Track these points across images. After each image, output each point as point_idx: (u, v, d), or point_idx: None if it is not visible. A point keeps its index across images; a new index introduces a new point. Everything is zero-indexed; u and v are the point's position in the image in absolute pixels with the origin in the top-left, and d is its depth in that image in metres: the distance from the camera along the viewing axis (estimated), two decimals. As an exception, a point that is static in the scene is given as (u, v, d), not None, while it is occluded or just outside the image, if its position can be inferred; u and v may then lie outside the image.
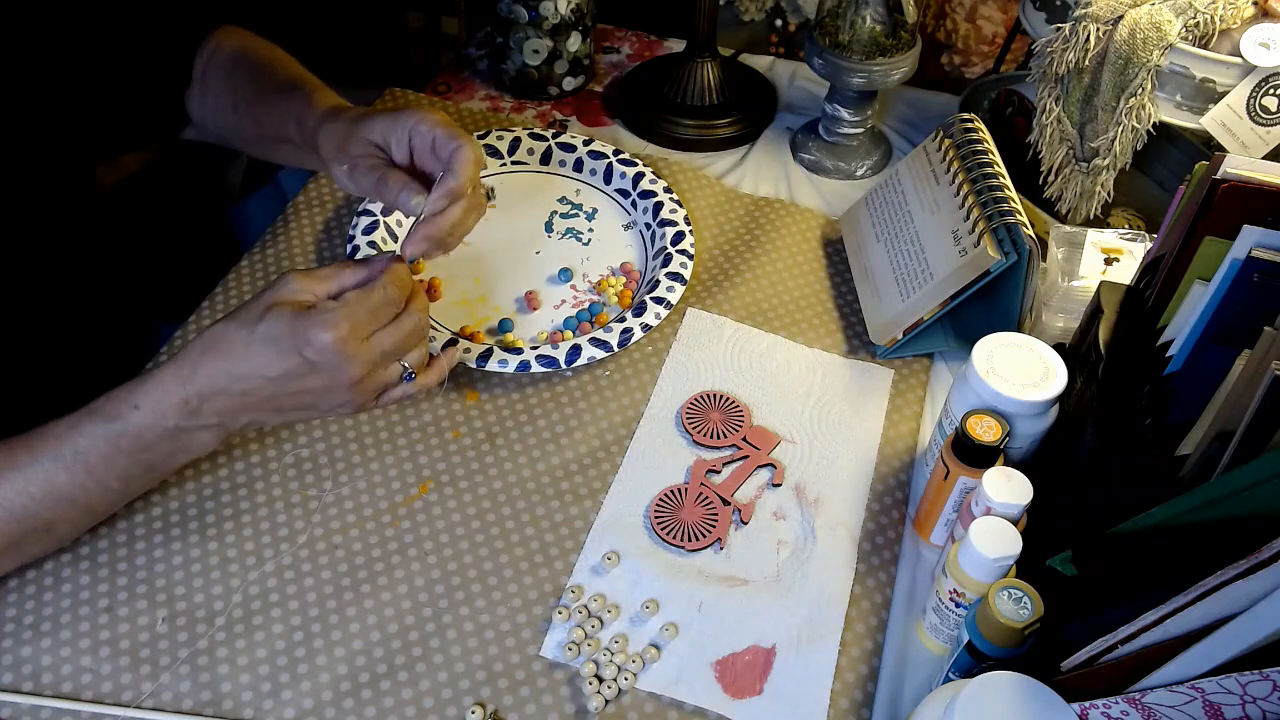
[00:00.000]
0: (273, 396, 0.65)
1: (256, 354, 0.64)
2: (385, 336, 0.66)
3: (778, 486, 0.79)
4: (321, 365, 0.64)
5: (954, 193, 0.87)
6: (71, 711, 0.65)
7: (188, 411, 0.64)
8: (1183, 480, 0.61)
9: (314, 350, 0.63)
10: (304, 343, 0.63)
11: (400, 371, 0.69)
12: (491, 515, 0.76)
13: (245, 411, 0.66)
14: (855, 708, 0.67)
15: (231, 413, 0.65)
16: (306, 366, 0.64)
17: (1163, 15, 0.83)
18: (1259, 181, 0.64)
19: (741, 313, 0.90)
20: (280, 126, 0.81)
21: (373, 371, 0.66)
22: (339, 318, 0.64)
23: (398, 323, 0.67)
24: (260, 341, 0.63)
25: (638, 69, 1.16)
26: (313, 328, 0.63)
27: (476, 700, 0.66)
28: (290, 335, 0.63)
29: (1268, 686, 0.46)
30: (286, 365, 0.64)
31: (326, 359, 0.63)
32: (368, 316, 0.65)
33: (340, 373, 0.64)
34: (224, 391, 0.64)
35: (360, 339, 0.65)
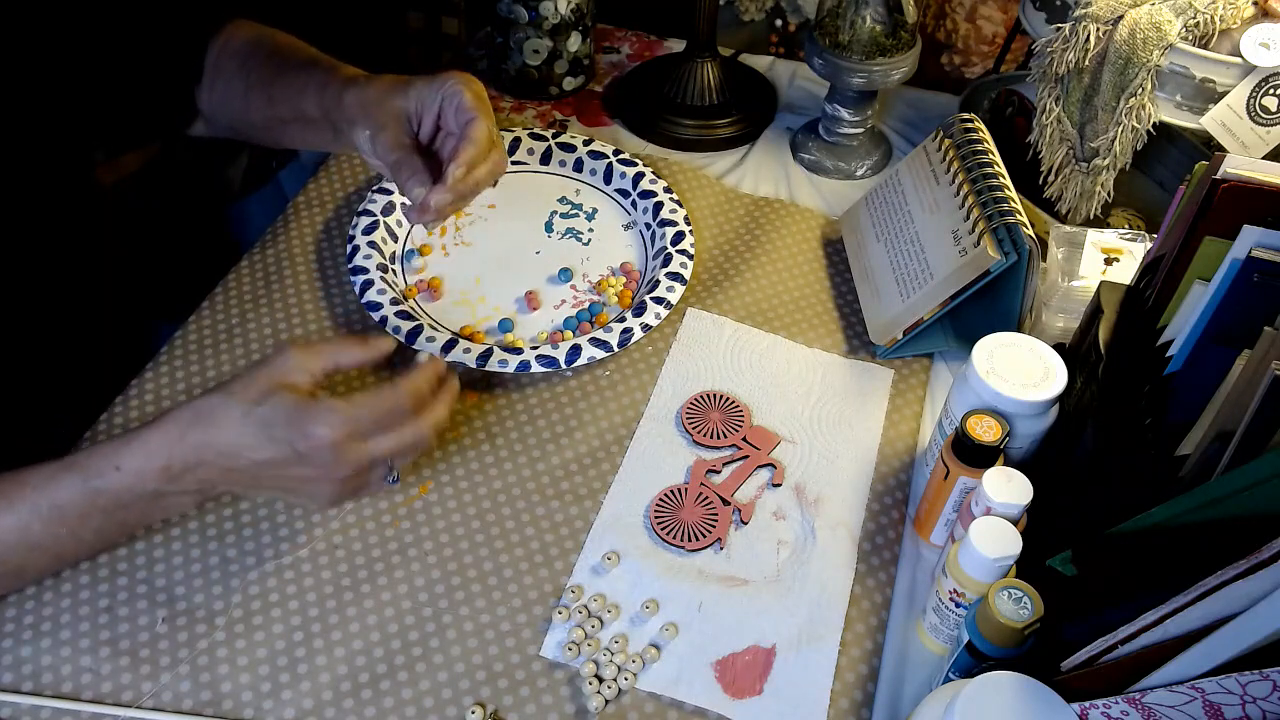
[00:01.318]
0: (256, 475, 0.64)
1: (249, 436, 0.63)
2: (383, 442, 0.65)
3: (778, 486, 0.79)
4: (312, 459, 0.63)
5: (954, 193, 0.87)
6: (71, 711, 0.65)
7: (169, 478, 0.64)
8: (1183, 480, 0.61)
9: (308, 445, 0.62)
10: (300, 435, 0.62)
11: (385, 472, 0.67)
12: (491, 515, 0.76)
13: (225, 483, 0.65)
14: (855, 708, 0.67)
15: (211, 482, 0.65)
16: (296, 457, 0.63)
17: (1163, 15, 0.83)
18: (1259, 181, 0.64)
19: (741, 313, 0.90)
20: (296, 101, 0.80)
21: (360, 472, 0.65)
22: (341, 419, 0.62)
23: (400, 432, 0.65)
24: (255, 425, 0.62)
25: (638, 69, 1.16)
26: (312, 422, 0.62)
27: (476, 700, 0.66)
28: (286, 425, 0.62)
29: (1268, 686, 0.46)
30: (275, 452, 0.63)
31: (319, 456, 0.63)
32: (372, 422, 0.64)
33: (328, 469, 0.63)
34: (208, 464, 0.64)
35: (358, 441, 0.64)
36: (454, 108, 0.74)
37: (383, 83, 0.77)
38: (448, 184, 0.72)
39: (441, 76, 0.75)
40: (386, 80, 0.77)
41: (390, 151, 0.74)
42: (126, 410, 0.80)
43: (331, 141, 0.81)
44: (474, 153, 0.72)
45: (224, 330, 0.86)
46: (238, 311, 0.87)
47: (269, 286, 0.90)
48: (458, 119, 0.74)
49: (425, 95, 0.75)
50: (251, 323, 0.87)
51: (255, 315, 0.87)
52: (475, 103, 0.74)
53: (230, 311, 0.87)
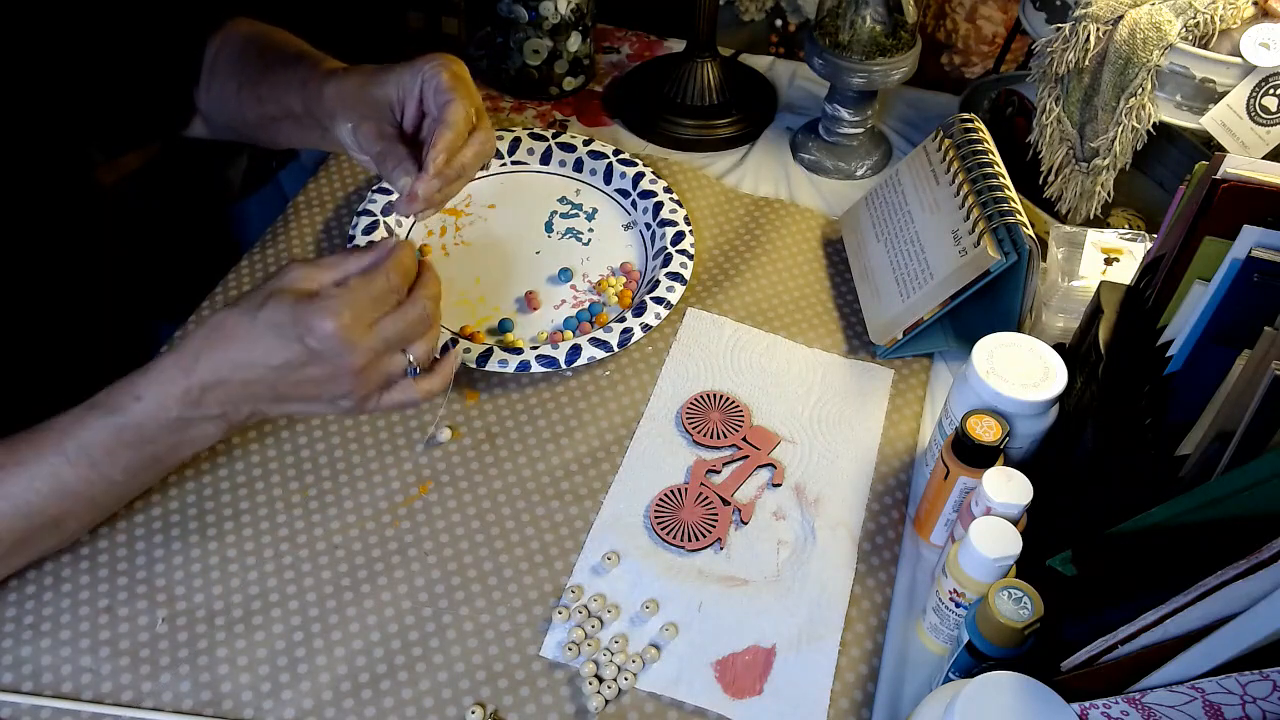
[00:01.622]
0: (275, 385, 0.64)
1: (259, 342, 0.63)
2: (389, 324, 0.65)
3: (778, 486, 0.79)
4: (324, 353, 0.63)
5: (954, 193, 0.87)
6: (71, 711, 0.65)
7: (189, 402, 0.64)
8: (1183, 480, 0.61)
9: (316, 338, 0.62)
10: (305, 330, 0.62)
11: (404, 364, 0.67)
12: (491, 515, 0.76)
13: (248, 401, 0.65)
14: (855, 708, 0.67)
15: (234, 402, 0.65)
16: (308, 354, 0.63)
17: (1163, 15, 0.83)
18: (1259, 181, 0.64)
19: (741, 313, 0.90)
20: (283, 98, 0.79)
21: (375, 360, 0.65)
22: (340, 305, 0.63)
23: (401, 310, 0.66)
24: (262, 329, 0.63)
25: (638, 69, 1.16)
26: (315, 315, 0.62)
27: (476, 700, 0.66)
28: (292, 322, 0.62)
29: (1268, 686, 0.46)
30: (289, 353, 0.63)
31: (329, 346, 0.63)
32: (370, 303, 0.64)
33: (342, 360, 0.63)
34: (226, 381, 0.64)
35: (363, 326, 0.64)
36: (432, 90, 0.72)
37: (361, 73, 0.76)
38: (429, 172, 0.70)
39: (420, 60, 0.73)
40: (365, 70, 0.76)
41: (373, 143, 0.73)
42: (126, 410, 0.80)
43: (321, 139, 0.80)
44: (451, 137, 0.71)
45: (224, 330, 0.86)
46: (238, 311, 0.87)
47: (269, 286, 0.90)
48: (436, 101, 0.72)
49: (405, 81, 0.74)
50: (251, 323, 0.87)
51: (255, 315, 0.87)
52: (453, 83, 0.72)
53: (230, 311, 0.87)
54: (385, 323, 0.65)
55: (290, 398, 0.66)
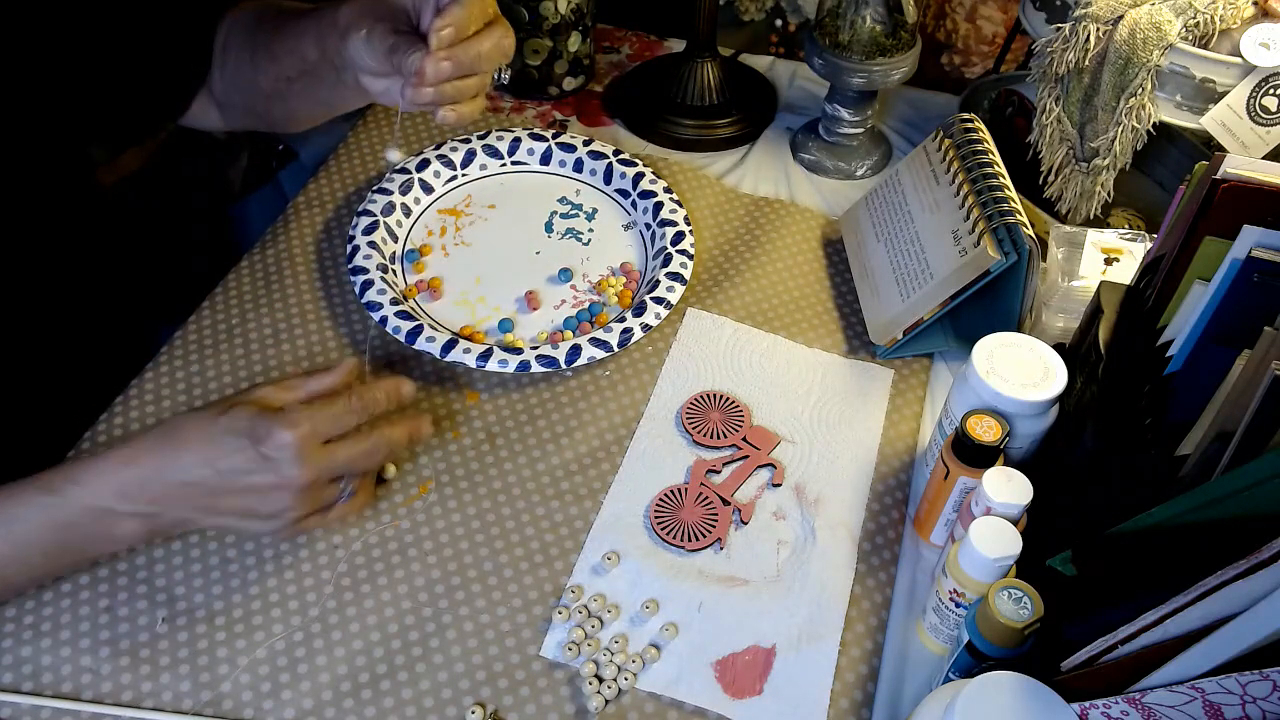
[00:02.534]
0: (214, 491, 0.64)
1: (212, 444, 0.63)
2: (343, 449, 0.66)
3: (778, 486, 0.79)
4: (276, 462, 0.63)
5: (954, 193, 0.87)
6: (71, 711, 0.65)
7: (121, 494, 0.63)
8: (1183, 480, 0.61)
9: (271, 446, 0.62)
10: (263, 437, 0.62)
11: (339, 490, 0.67)
12: (491, 515, 0.76)
13: (181, 505, 0.64)
14: (855, 708, 0.67)
15: (164, 503, 0.64)
16: (259, 461, 0.63)
17: (1163, 15, 0.83)
18: (1259, 181, 0.64)
19: (741, 313, 0.90)
20: (297, 47, 0.76)
21: (320, 481, 0.65)
22: (301, 418, 0.63)
23: (359, 437, 0.66)
24: (219, 433, 0.63)
25: (638, 69, 1.16)
26: (275, 424, 0.63)
27: (476, 700, 0.66)
28: (250, 430, 0.63)
29: (1268, 686, 0.46)
30: (239, 459, 0.63)
31: (282, 456, 0.63)
32: (329, 421, 0.65)
33: (291, 473, 0.63)
34: (165, 480, 0.63)
35: (318, 444, 0.64)
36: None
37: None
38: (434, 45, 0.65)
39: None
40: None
41: (386, 39, 0.68)
42: (126, 410, 0.80)
43: (336, 85, 0.76)
44: (461, 12, 0.65)
45: (224, 330, 0.86)
46: (238, 312, 0.87)
47: (269, 287, 0.90)
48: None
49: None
50: (251, 323, 0.87)
51: (255, 315, 0.87)
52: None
53: (230, 312, 0.87)
54: (340, 446, 0.65)
55: (224, 510, 0.65)
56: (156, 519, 0.65)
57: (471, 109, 0.70)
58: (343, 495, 0.67)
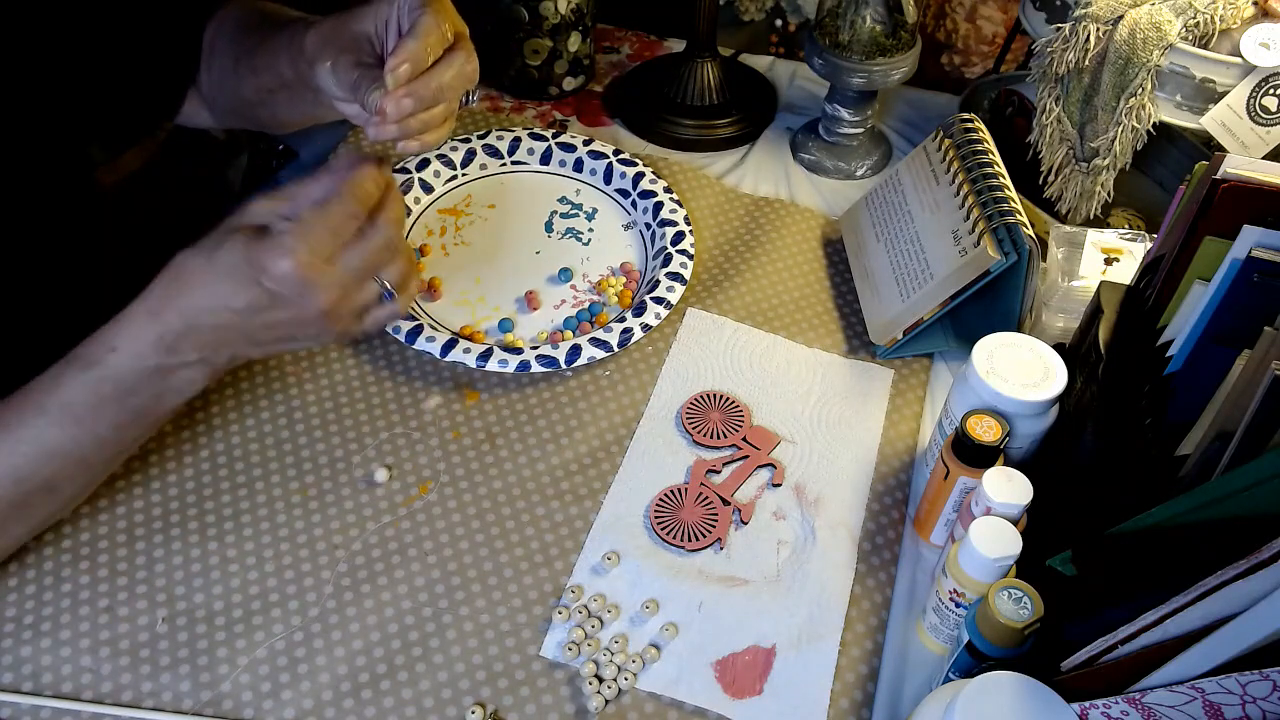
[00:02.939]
0: (244, 328, 0.61)
1: (218, 285, 0.60)
2: (352, 255, 0.61)
3: (778, 486, 0.79)
4: (285, 295, 0.59)
5: (954, 193, 0.87)
6: (71, 711, 0.65)
7: (165, 348, 0.61)
8: (1183, 480, 0.61)
9: (273, 280, 0.59)
10: (261, 272, 0.59)
11: (378, 291, 0.63)
12: (491, 515, 0.76)
13: (224, 345, 0.62)
14: (855, 708, 0.67)
15: (210, 346, 0.62)
16: (269, 298, 0.59)
17: (1163, 15, 0.83)
18: (1259, 181, 0.64)
19: (741, 313, 0.90)
20: (275, 64, 0.76)
21: (344, 295, 0.61)
22: (294, 241, 0.59)
23: (363, 238, 0.61)
24: (219, 271, 0.60)
25: (638, 69, 1.16)
26: (269, 254, 0.58)
27: (476, 700, 0.66)
28: (246, 264, 0.59)
29: (1268, 686, 0.46)
30: (249, 297, 0.60)
31: (288, 288, 0.59)
32: (328, 235, 0.60)
33: (306, 301, 0.60)
34: (196, 326, 0.61)
35: (322, 262, 0.59)
36: (406, 11, 0.66)
37: (339, 15, 0.72)
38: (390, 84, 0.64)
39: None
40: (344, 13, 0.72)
41: (350, 72, 0.67)
42: (126, 410, 0.80)
43: (314, 106, 0.76)
44: (415, 46, 0.64)
45: (224, 330, 0.86)
46: (238, 311, 0.87)
47: (269, 286, 0.90)
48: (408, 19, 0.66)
49: (382, 11, 0.69)
50: (251, 323, 0.87)
51: (255, 315, 0.87)
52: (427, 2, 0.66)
53: (230, 311, 0.87)
54: (348, 254, 0.61)
55: (265, 340, 0.62)
56: (209, 361, 0.63)
57: (437, 137, 0.69)
58: (386, 293, 0.63)
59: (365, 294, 0.63)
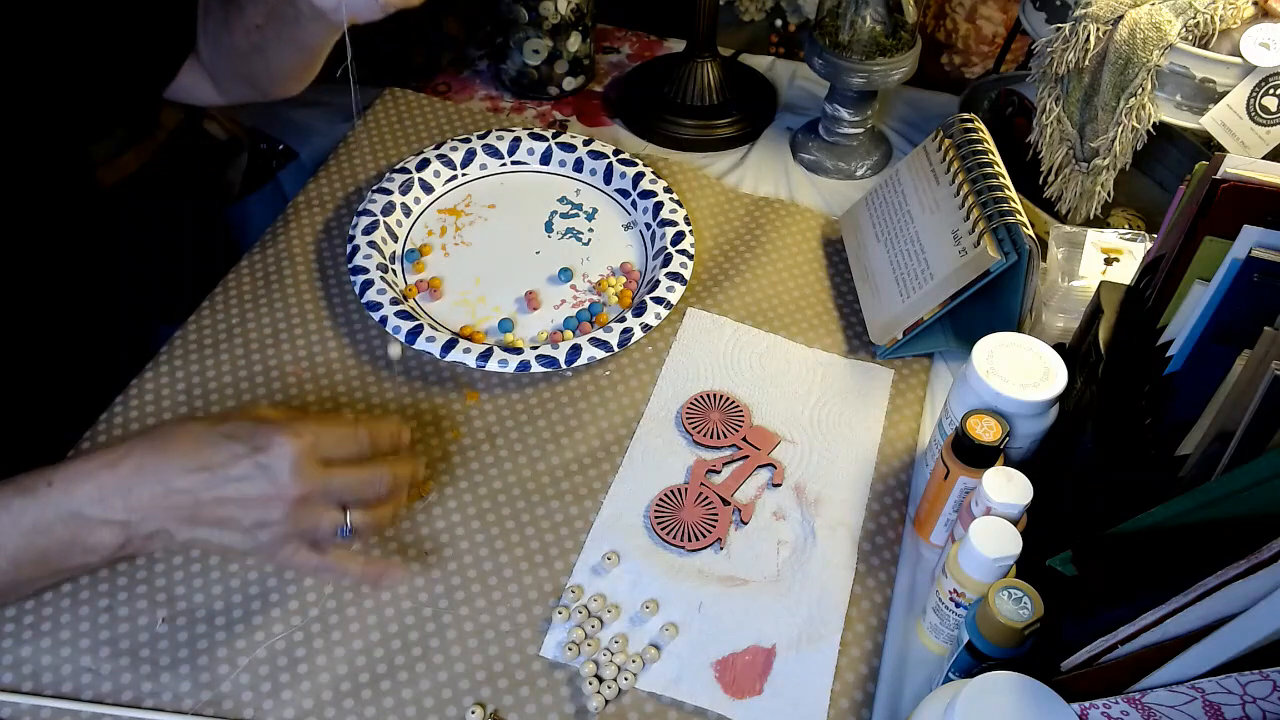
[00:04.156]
0: (197, 499, 0.61)
1: (209, 448, 0.61)
2: (341, 472, 0.63)
3: (778, 486, 0.79)
4: (271, 470, 0.60)
5: (954, 193, 0.87)
6: (71, 711, 0.65)
7: (97, 498, 0.60)
8: (1183, 480, 0.61)
9: (269, 454, 0.60)
10: (263, 443, 0.61)
11: (339, 522, 0.64)
12: (491, 515, 0.76)
13: (162, 515, 0.61)
14: (855, 708, 0.67)
15: (142, 510, 0.61)
16: (254, 468, 0.61)
17: (1163, 15, 0.83)
18: (1259, 181, 0.64)
19: (741, 313, 0.90)
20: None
21: (315, 502, 0.62)
22: (304, 429, 0.62)
23: (359, 468, 0.64)
24: (217, 437, 0.61)
25: (638, 69, 1.16)
26: (275, 431, 0.61)
27: (476, 700, 0.66)
28: (250, 435, 0.61)
29: (1268, 686, 0.46)
30: (233, 465, 0.61)
31: (278, 464, 0.60)
32: (332, 440, 0.63)
33: (286, 483, 0.61)
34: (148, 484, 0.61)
35: (317, 459, 0.62)
36: None
37: None
38: None
39: None
40: None
41: None
42: (126, 410, 0.80)
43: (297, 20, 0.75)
44: None
45: (224, 330, 0.86)
46: (238, 311, 0.87)
47: (269, 286, 0.90)
48: None
49: None
50: (251, 323, 0.87)
51: (255, 315, 0.87)
52: None
53: (230, 311, 0.87)
54: (338, 470, 0.63)
55: (209, 520, 0.62)
56: (130, 528, 0.61)
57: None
58: (344, 529, 0.64)
59: (328, 518, 0.63)
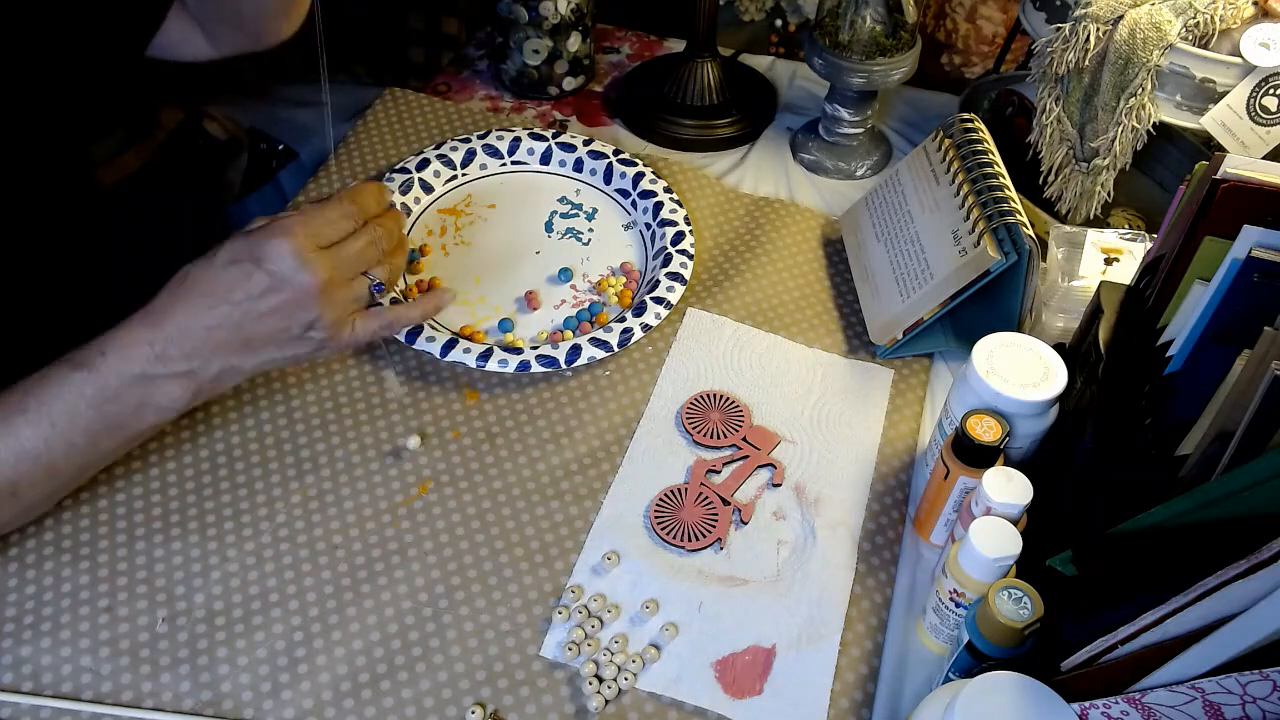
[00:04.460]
0: (241, 325, 0.63)
1: (218, 280, 0.63)
2: (345, 246, 0.66)
3: (778, 486, 0.79)
4: (283, 274, 0.63)
5: (954, 193, 0.87)
6: (71, 711, 0.65)
7: (154, 356, 0.63)
8: (1183, 480, 0.61)
9: (272, 260, 0.62)
10: (260, 253, 0.63)
11: (368, 283, 0.67)
12: (491, 515, 0.76)
13: (215, 352, 0.64)
14: (855, 708, 0.67)
15: (200, 355, 0.63)
16: (268, 280, 0.63)
17: (1163, 15, 0.83)
18: (1259, 181, 0.64)
19: (741, 313, 0.90)
20: None
21: (338, 280, 0.65)
22: (291, 224, 0.64)
23: (355, 235, 0.67)
24: (220, 267, 0.63)
25: (638, 69, 1.16)
26: (268, 237, 0.63)
27: (476, 700, 0.66)
28: (247, 251, 0.63)
29: (1268, 686, 0.46)
30: (248, 284, 0.63)
31: (285, 265, 0.63)
32: (323, 224, 0.65)
33: (303, 279, 0.63)
34: (190, 330, 0.63)
35: (317, 245, 0.64)
36: None
37: None
38: None
39: None
40: None
41: None
42: (126, 410, 0.80)
43: None
44: None
45: (224, 330, 0.86)
46: (238, 311, 0.87)
47: (269, 286, 0.89)
48: None
49: None
50: (251, 323, 0.87)
51: (255, 315, 0.87)
52: None
53: (230, 311, 0.87)
54: (341, 245, 0.66)
55: (259, 340, 0.64)
56: (197, 375, 0.64)
57: None
58: (375, 285, 0.67)
59: (357, 286, 0.67)
